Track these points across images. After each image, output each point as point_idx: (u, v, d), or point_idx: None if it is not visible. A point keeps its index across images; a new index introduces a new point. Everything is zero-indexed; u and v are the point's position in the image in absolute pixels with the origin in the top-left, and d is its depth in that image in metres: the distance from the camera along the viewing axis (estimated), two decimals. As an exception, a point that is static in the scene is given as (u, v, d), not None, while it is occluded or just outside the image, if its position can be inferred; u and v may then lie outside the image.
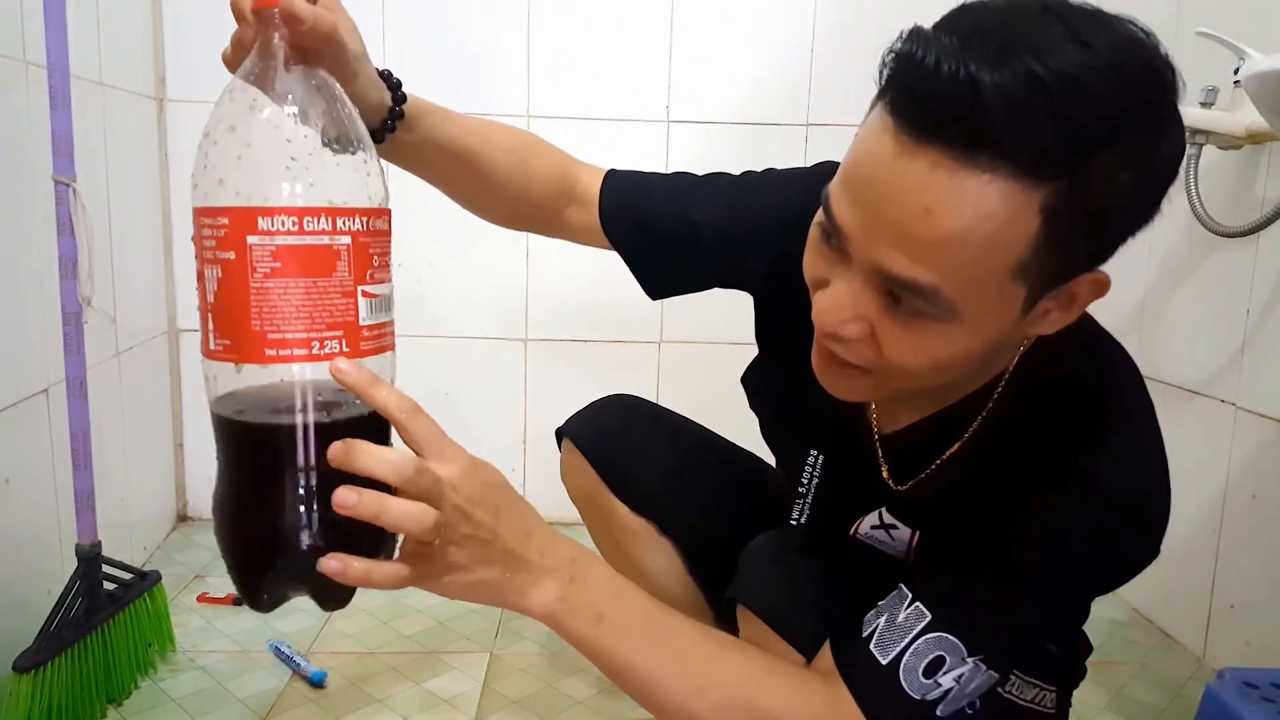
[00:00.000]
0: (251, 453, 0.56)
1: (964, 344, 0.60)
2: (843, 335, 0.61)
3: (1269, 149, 1.30)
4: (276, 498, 0.54)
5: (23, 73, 1.16)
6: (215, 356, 0.54)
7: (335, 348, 0.53)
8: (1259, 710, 0.97)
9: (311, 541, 0.54)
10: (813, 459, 0.85)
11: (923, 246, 0.54)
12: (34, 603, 1.16)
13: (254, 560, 0.57)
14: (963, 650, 0.65)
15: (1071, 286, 0.59)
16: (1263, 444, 1.28)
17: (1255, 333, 1.31)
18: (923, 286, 0.56)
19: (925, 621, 0.66)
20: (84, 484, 1.13)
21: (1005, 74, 0.50)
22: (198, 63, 1.69)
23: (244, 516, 0.56)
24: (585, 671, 1.32)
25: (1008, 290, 0.57)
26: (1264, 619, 1.29)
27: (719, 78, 1.75)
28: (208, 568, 1.61)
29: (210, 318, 0.54)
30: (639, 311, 1.82)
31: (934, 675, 0.66)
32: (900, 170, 0.54)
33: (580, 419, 1.08)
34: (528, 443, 1.85)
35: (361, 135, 0.57)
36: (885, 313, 0.60)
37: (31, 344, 1.19)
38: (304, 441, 0.54)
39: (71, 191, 1.08)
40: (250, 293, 0.52)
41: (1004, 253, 0.55)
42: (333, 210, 0.53)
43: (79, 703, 1.09)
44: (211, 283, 0.53)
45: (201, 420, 1.84)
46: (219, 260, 0.53)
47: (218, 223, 0.53)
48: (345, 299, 0.54)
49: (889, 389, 0.66)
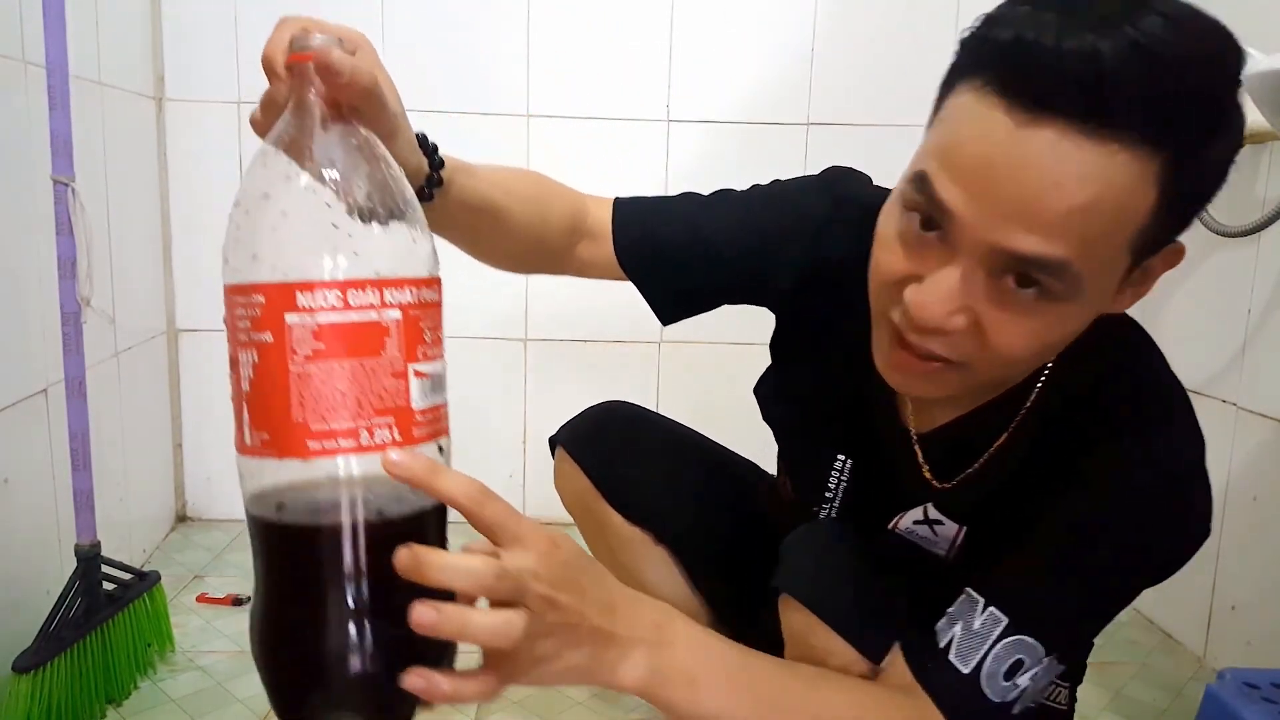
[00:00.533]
0: (294, 559, 0.49)
1: (1074, 323, 0.60)
2: (947, 328, 0.59)
3: (1270, 149, 1.30)
4: (325, 610, 0.47)
5: (22, 72, 1.16)
6: (252, 452, 0.49)
7: (386, 436, 0.48)
8: (1260, 710, 0.97)
9: (369, 662, 0.48)
10: (840, 464, 0.84)
11: (1052, 221, 0.53)
12: (33, 603, 1.16)
13: (300, 682, 0.49)
14: (1041, 651, 0.66)
15: (1152, 260, 0.60)
16: (1263, 444, 1.28)
17: (1256, 333, 1.31)
18: (1053, 262, 0.54)
19: (1003, 625, 0.67)
20: (83, 484, 1.13)
21: (1120, 44, 0.50)
22: (197, 62, 1.68)
23: (287, 632, 0.49)
24: (585, 672, 1.32)
25: (1121, 262, 0.57)
26: (1265, 619, 1.29)
27: (719, 78, 1.75)
28: (207, 568, 1.61)
29: (245, 409, 0.49)
30: (639, 312, 1.81)
31: (1013, 677, 0.66)
32: (1020, 146, 0.53)
33: (573, 427, 1.07)
34: (527, 443, 1.85)
35: (409, 198, 0.52)
36: (995, 299, 0.58)
37: (30, 344, 1.19)
38: (355, 545, 0.47)
39: (70, 191, 1.08)
40: (290, 378, 0.46)
41: (1128, 223, 0.55)
42: (380, 282, 0.48)
43: (78, 703, 1.09)
44: (246, 369, 0.48)
45: (201, 420, 1.85)
46: (254, 343, 0.47)
47: (252, 301, 0.47)
48: (396, 380, 0.48)
49: (978, 381, 0.64)
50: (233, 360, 0.49)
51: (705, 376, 1.83)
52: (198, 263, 1.74)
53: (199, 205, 1.72)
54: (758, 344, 1.95)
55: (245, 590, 1.50)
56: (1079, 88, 0.51)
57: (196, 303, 1.75)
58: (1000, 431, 0.73)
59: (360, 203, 0.49)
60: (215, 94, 1.69)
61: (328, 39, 0.52)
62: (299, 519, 0.48)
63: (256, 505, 0.49)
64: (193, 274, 1.74)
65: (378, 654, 0.48)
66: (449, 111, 1.69)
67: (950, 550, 0.79)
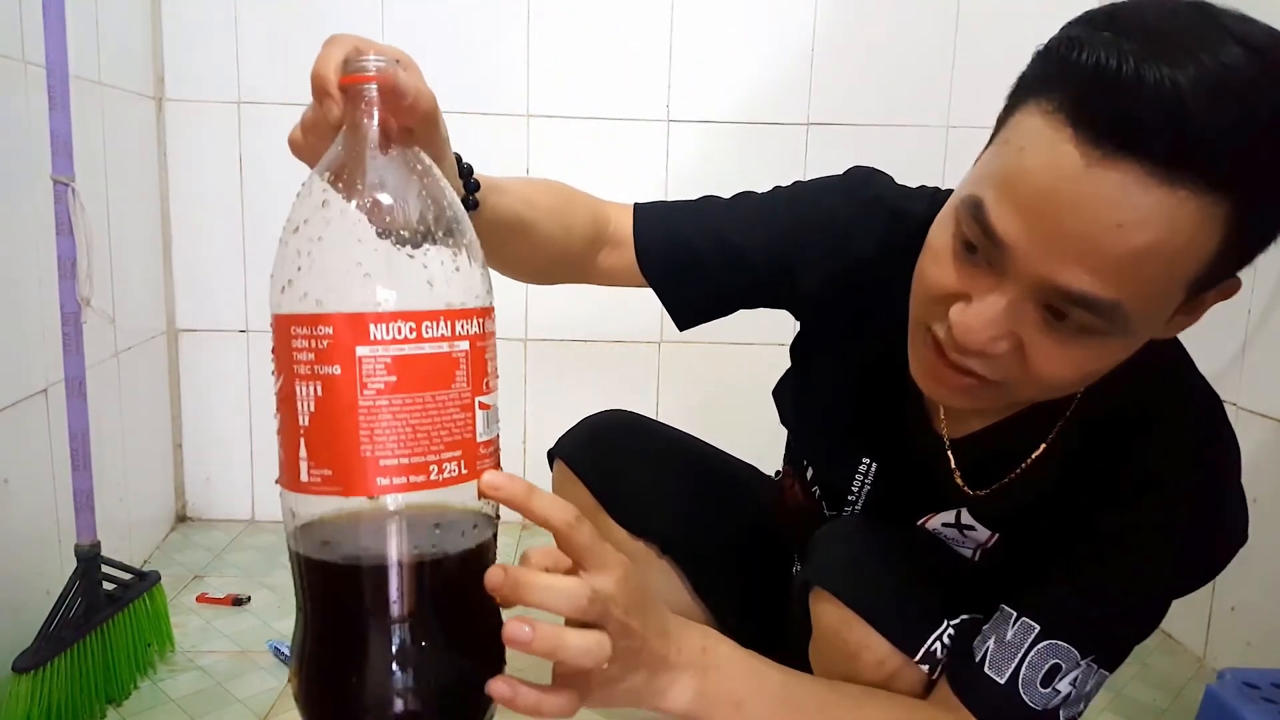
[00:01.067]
0: (352, 597, 0.47)
1: (1121, 354, 0.60)
2: (990, 352, 0.59)
3: (1269, 149, 1.30)
4: (387, 648, 0.46)
5: (21, 72, 1.16)
6: (310, 490, 0.46)
7: (454, 471, 0.46)
8: (1260, 710, 0.97)
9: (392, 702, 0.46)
10: (864, 467, 0.84)
11: (1109, 262, 0.52)
12: (33, 603, 1.16)
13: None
14: (1075, 654, 0.67)
15: (1207, 293, 0.59)
16: (1263, 444, 1.28)
17: (1256, 333, 1.31)
18: (1102, 302, 0.54)
19: (1034, 633, 0.67)
20: (83, 484, 1.13)
21: (1201, 82, 0.48)
22: (197, 62, 1.68)
23: (345, 672, 0.47)
24: (585, 672, 1.32)
25: (1174, 300, 0.57)
26: (1265, 620, 1.29)
27: (719, 78, 1.74)
28: (207, 568, 1.61)
29: (303, 444, 0.46)
30: (639, 312, 1.82)
31: (1051, 683, 0.67)
32: (1090, 184, 0.51)
33: (573, 439, 1.06)
34: (527, 443, 1.85)
35: (467, 225, 0.50)
36: (1041, 328, 0.58)
37: (30, 344, 1.19)
38: (420, 581, 0.46)
39: (70, 191, 1.08)
40: (359, 413, 0.45)
41: (1188, 266, 0.54)
42: (451, 313, 0.47)
43: (78, 703, 1.09)
44: (306, 403, 0.46)
45: (201, 420, 1.85)
46: (318, 376, 0.45)
47: (318, 332, 0.45)
48: (464, 413, 0.47)
49: (1016, 399, 0.65)
50: (286, 394, 0.47)
51: (705, 377, 1.83)
52: (198, 263, 1.74)
53: (199, 205, 1.72)
54: (757, 344, 1.96)
55: (245, 590, 1.50)
56: (1157, 130, 0.49)
57: (196, 303, 1.75)
58: (1038, 441, 0.73)
59: (429, 230, 0.47)
60: (215, 94, 1.69)
61: (388, 60, 0.49)
62: (359, 557, 0.46)
63: (309, 544, 0.48)
64: (193, 274, 1.74)
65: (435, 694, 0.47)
66: (449, 111, 1.67)
67: (977, 553, 0.79)
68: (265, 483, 1.83)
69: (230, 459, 1.81)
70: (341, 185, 0.48)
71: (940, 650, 0.71)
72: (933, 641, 0.71)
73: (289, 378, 0.47)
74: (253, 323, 1.76)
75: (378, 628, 0.46)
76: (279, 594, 1.52)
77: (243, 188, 1.71)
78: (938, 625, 0.71)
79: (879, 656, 0.71)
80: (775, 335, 1.83)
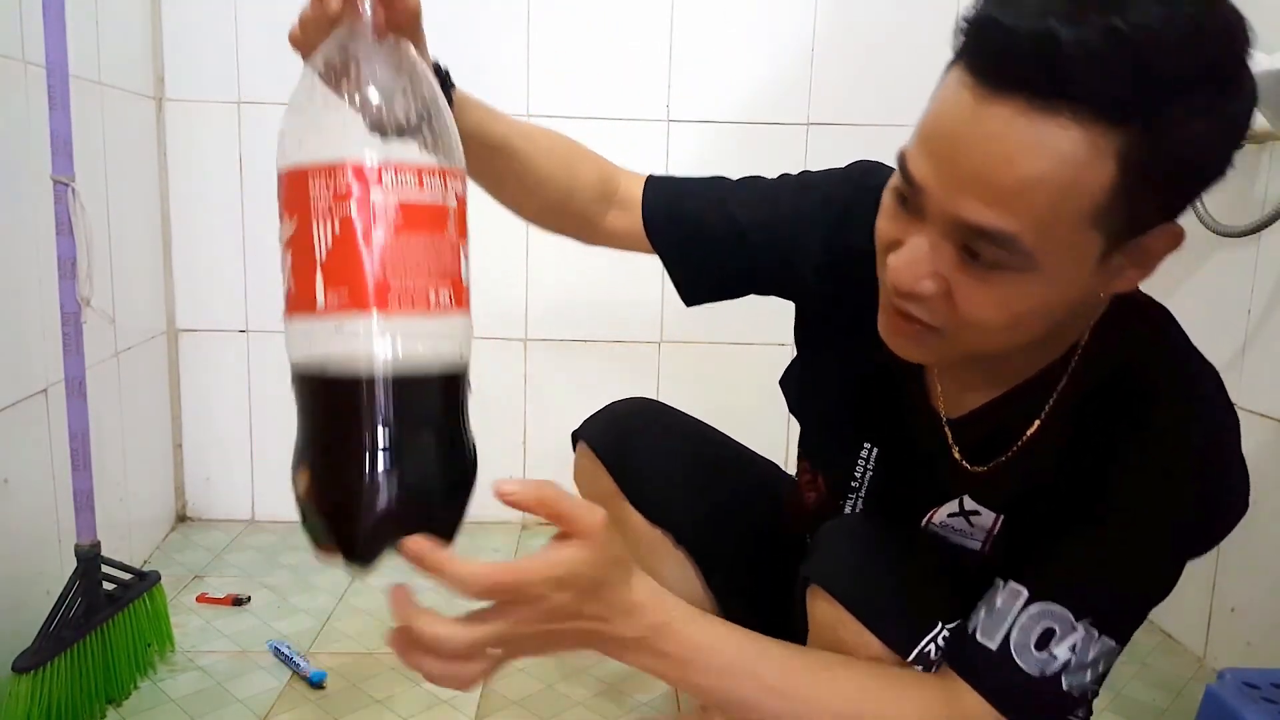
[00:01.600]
0: (348, 404, 0.55)
1: (1041, 296, 0.60)
2: (919, 292, 0.62)
3: (1270, 149, 1.30)
4: (372, 448, 0.54)
5: (22, 72, 1.16)
6: (328, 313, 0.54)
7: (447, 300, 0.56)
8: (1260, 711, 0.97)
9: (396, 490, 0.55)
10: (865, 452, 0.84)
11: (1003, 193, 0.55)
12: (33, 603, 1.16)
13: (347, 513, 0.56)
14: (1069, 617, 0.65)
15: (1146, 241, 0.60)
16: (1263, 444, 1.28)
17: (1256, 333, 1.31)
18: (1002, 234, 0.56)
19: (1023, 597, 0.67)
20: (83, 484, 1.13)
21: (1085, 27, 0.51)
22: (197, 62, 1.68)
23: (341, 469, 0.56)
24: (585, 672, 1.32)
25: (1085, 239, 0.58)
26: (1265, 620, 1.29)
27: (719, 78, 1.75)
28: (207, 568, 1.61)
29: (320, 273, 0.53)
30: (639, 311, 1.82)
31: (1046, 647, 0.66)
32: (979, 121, 0.55)
33: (597, 423, 1.07)
34: (527, 443, 1.85)
35: (444, 104, 0.59)
36: (962, 267, 0.60)
37: (30, 344, 1.19)
38: (408, 389, 0.54)
39: (70, 191, 1.08)
40: (374, 246, 0.53)
41: (1081, 198, 0.55)
42: (444, 170, 0.56)
43: (78, 703, 1.09)
44: (324, 238, 0.53)
45: (201, 420, 1.85)
46: (336, 215, 0.53)
47: (339, 178, 0.53)
48: (453, 255, 0.56)
49: (960, 348, 0.66)
50: (300, 234, 0.54)
51: (705, 377, 1.83)
52: (198, 263, 1.74)
53: (199, 205, 1.72)
54: (757, 344, 1.96)
55: (245, 590, 1.50)
56: (1033, 64, 0.53)
57: (196, 303, 1.75)
58: (1034, 416, 0.73)
59: (425, 104, 0.57)
60: (215, 94, 1.69)
61: None
62: (358, 371, 0.54)
63: (314, 362, 0.55)
64: (193, 274, 1.74)
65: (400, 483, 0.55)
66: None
67: (986, 543, 0.79)
68: (265, 483, 1.83)
69: (230, 459, 1.81)
70: (338, 75, 0.56)
71: (935, 652, 0.70)
72: (926, 643, 0.71)
73: (305, 220, 0.54)
74: (253, 323, 1.76)
75: (370, 431, 0.54)
76: (279, 594, 1.52)
77: (243, 188, 1.71)
78: (932, 627, 0.71)
79: (872, 656, 0.71)
80: (775, 335, 1.84)
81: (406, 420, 0.55)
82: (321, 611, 1.47)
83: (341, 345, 0.54)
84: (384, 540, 0.56)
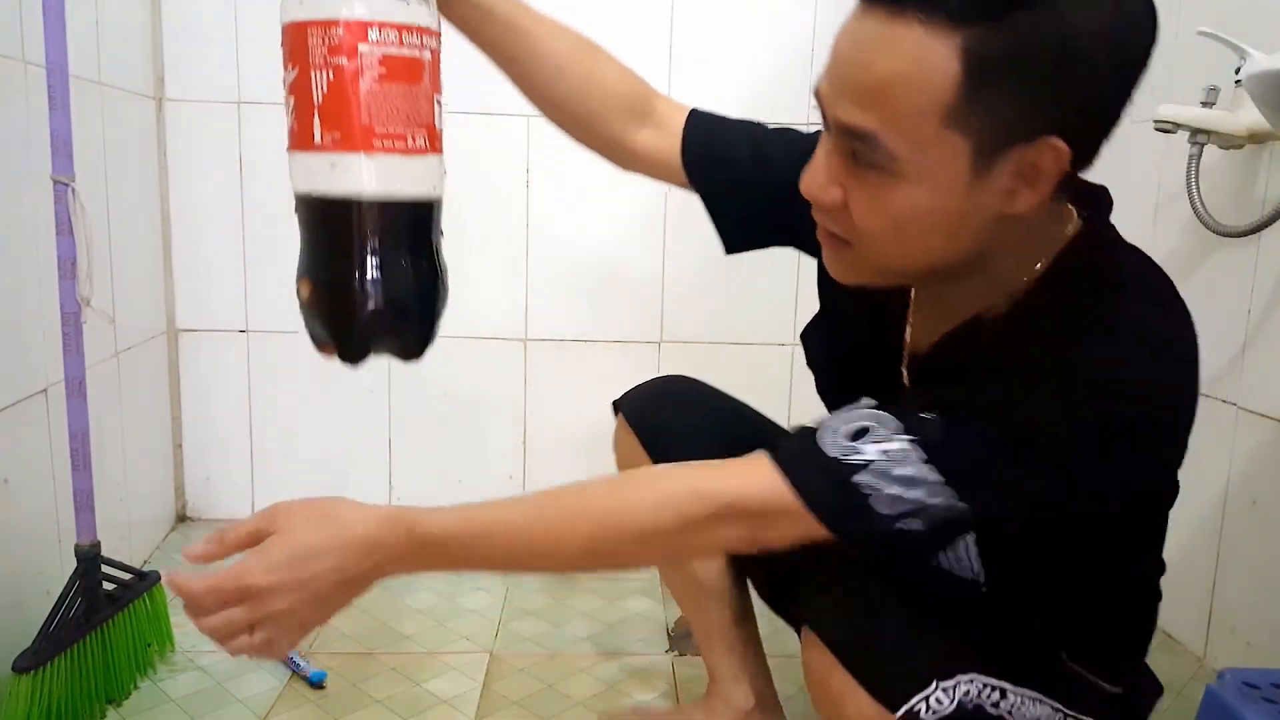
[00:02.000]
0: (330, 231, 0.67)
1: (914, 202, 0.63)
2: (823, 200, 0.67)
3: (1270, 149, 1.30)
4: (362, 260, 0.67)
5: (22, 72, 1.16)
6: (323, 149, 0.65)
7: (423, 143, 0.67)
8: (1260, 711, 0.97)
9: (381, 295, 0.67)
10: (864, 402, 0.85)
11: (864, 93, 0.61)
12: (33, 603, 1.16)
13: (341, 315, 0.68)
14: (896, 425, 0.64)
15: (1029, 155, 0.61)
16: (1263, 444, 1.28)
17: (1256, 333, 1.31)
18: (865, 132, 0.62)
19: (863, 404, 0.67)
20: (83, 484, 1.13)
21: None
22: (197, 63, 1.68)
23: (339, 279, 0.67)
24: (585, 672, 1.32)
25: (945, 141, 0.61)
26: (1265, 619, 1.29)
27: (719, 78, 1.75)
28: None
29: (316, 115, 0.64)
30: (639, 311, 1.82)
31: (856, 440, 0.64)
32: (853, 33, 0.63)
33: (636, 395, 1.10)
34: (527, 443, 1.85)
35: None
36: (850, 172, 0.65)
37: (30, 344, 1.19)
38: (374, 220, 0.66)
39: (70, 191, 1.08)
40: (361, 93, 0.63)
41: (929, 94, 0.59)
42: (421, 29, 0.65)
43: (78, 703, 1.09)
44: (320, 85, 0.63)
45: (201, 420, 1.85)
46: (330, 65, 0.63)
47: (333, 32, 0.62)
48: (428, 104, 0.67)
49: (869, 262, 0.69)
50: (300, 81, 0.64)
51: (705, 377, 1.83)
52: (198, 263, 1.74)
53: (199, 205, 1.72)
54: (757, 344, 1.95)
55: (245, 590, 1.50)
56: None
57: (196, 303, 1.75)
58: (977, 349, 0.71)
59: None
60: (215, 94, 1.69)
61: None
62: (349, 196, 0.65)
63: (313, 189, 0.66)
64: (193, 274, 1.74)
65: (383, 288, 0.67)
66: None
67: (973, 563, 0.79)
68: (266, 482, 1.83)
69: (230, 459, 1.81)
70: None
71: (925, 710, 0.69)
72: (918, 702, 0.69)
73: (304, 69, 0.64)
74: (253, 323, 1.76)
75: (359, 249, 0.66)
76: (279, 594, 1.52)
77: (243, 188, 1.71)
78: (925, 686, 0.70)
79: (859, 708, 0.71)
80: (775, 335, 1.84)
81: (387, 241, 0.66)
82: (321, 611, 1.47)
83: (335, 178, 0.65)
84: (370, 338, 0.69)
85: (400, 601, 1.50)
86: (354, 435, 1.82)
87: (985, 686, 0.72)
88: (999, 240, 0.67)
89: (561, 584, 1.61)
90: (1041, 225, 0.70)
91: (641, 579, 1.64)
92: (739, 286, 1.80)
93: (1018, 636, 0.77)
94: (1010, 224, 0.65)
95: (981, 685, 0.72)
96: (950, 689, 0.70)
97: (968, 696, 0.71)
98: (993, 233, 0.66)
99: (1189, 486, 0.78)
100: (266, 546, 0.66)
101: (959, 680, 0.71)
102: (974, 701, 0.71)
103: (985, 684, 0.72)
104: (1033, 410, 0.62)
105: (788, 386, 1.84)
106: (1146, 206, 1.53)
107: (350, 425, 1.81)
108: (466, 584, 1.58)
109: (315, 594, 0.66)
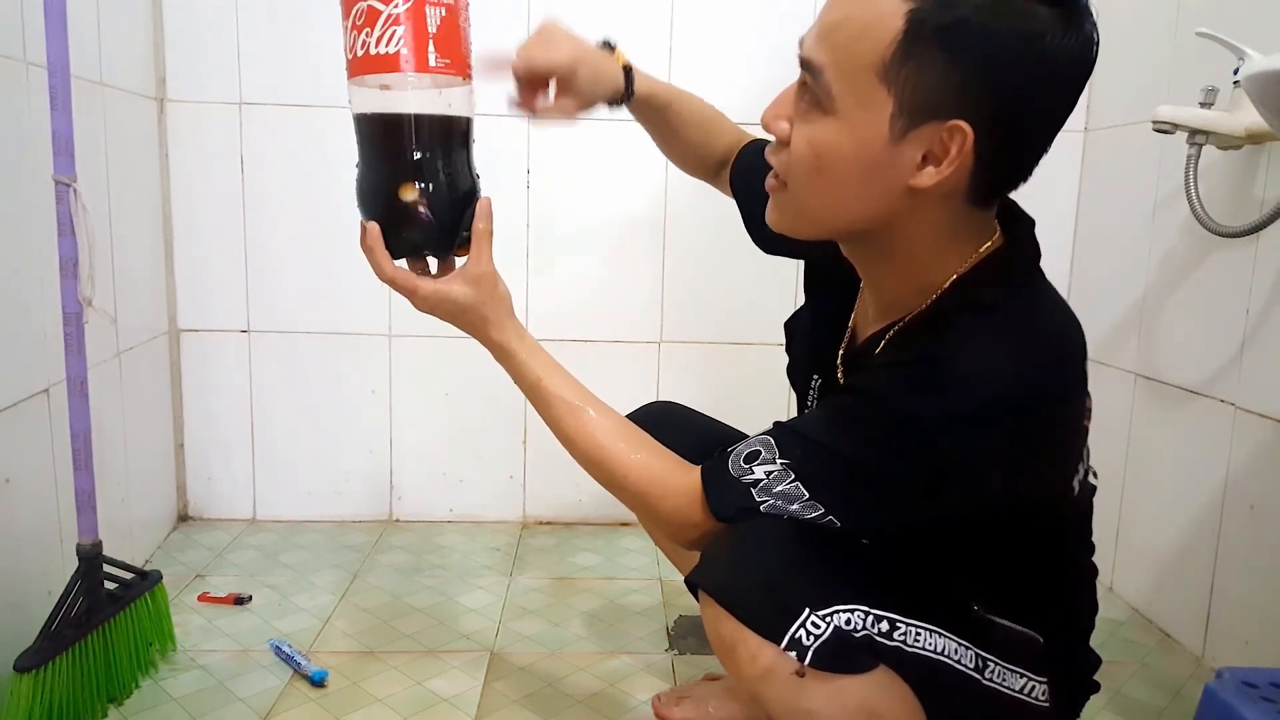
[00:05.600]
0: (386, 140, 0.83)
1: (840, 141, 0.69)
2: (771, 127, 0.76)
3: (1268, 149, 1.30)
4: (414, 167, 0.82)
5: (23, 73, 1.17)
6: (437, 70, 0.79)
7: (470, 72, 0.83)
8: (1258, 710, 0.97)
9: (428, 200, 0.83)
10: (815, 382, 0.92)
11: (824, 29, 0.70)
12: (35, 602, 1.17)
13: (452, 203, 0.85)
14: (775, 450, 0.76)
15: (940, 134, 0.66)
16: (1262, 444, 1.28)
17: (1255, 333, 1.31)
18: (815, 65, 0.70)
19: (762, 431, 0.78)
20: (84, 484, 1.13)
21: None
22: (198, 63, 1.69)
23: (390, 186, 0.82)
24: (585, 671, 1.32)
25: (874, 93, 0.67)
26: (1263, 618, 1.29)
27: (719, 78, 1.75)
28: (208, 567, 1.61)
29: (431, 43, 0.78)
30: (639, 312, 1.83)
31: (751, 464, 0.76)
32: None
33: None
34: (527, 443, 1.86)
35: None
36: (798, 107, 0.73)
37: (32, 344, 1.20)
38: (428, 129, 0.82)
39: (72, 192, 1.08)
40: (460, 29, 0.81)
41: (871, 44, 0.66)
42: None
43: (80, 702, 1.10)
44: (434, 19, 0.78)
45: (202, 420, 1.85)
46: (443, 3, 0.78)
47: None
48: (470, 42, 0.83)
49: (794, 203, 0.75)
50: (416, 13, 0.77)
51: (705, 377, 1.83)
52: (199, 263, 1.74)
53: (200, 205, 1.72)
54: (757, 344, 1.96)
55: (246, 590, 1.51)
56: None
57: (198, 303, 1.75)
58: (892, 344, 0.78)
59: None
60: (216, 95, 1.69)
61: None
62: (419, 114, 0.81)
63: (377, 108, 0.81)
64: (194, 274, 1.74)
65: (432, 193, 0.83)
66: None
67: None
68: (267, 482, 1.83)
69: (232, 459, 1.82)
70: None
71: (806, 637, 0.72)
72: (796, 629, 0.72)
73: (419, 3, 0.77)
74: (254, 323, 1.77)
75: (413, 154, 0.82)
76: (280, 593, 1.52)
77: (244, 188, 1.72)
78: (799, 614, 0.72)
79: (751, 651, 0.73)
80: (775, 335, 1.83)
81: (465, 151, 0.87)
82: (322, 611, 1.47)
83: (445, 99, 0.82)
84: (460, 225, 0.85)
85: (401, 601, 1.50)
86: (355, 435, 1.82)
87: (869, 615, 0.74)
88: (914, 225, 0.73)
89: (562, 584, 1.61)
90: (965, 232, 0.75)
91: (642, 579, 1.65)
92: (739, 286, 1.80)
93: (916, 579, 0.80)
94: (921, 206, 0.71)
95: (864, 614, 0.74)
96: (827, 616, 0.72)
97: (849, 625, 0.73)
98: (905, 206, 0.71)
99: (1189, 487, 0.79)
100: (446, 289, 0.86)
101: (836, 609, 0.73)
102: (861, 630, 0.73)
103: (869, 613, 0.74)
104: (896, 402, 0.70)
105: (787, 386, 1.83)
106: (1145, 207, 1.52)
107: (351, 425, 1.82)
108: (467, 583, 1.59)
109: (447, 312, 0.88)
